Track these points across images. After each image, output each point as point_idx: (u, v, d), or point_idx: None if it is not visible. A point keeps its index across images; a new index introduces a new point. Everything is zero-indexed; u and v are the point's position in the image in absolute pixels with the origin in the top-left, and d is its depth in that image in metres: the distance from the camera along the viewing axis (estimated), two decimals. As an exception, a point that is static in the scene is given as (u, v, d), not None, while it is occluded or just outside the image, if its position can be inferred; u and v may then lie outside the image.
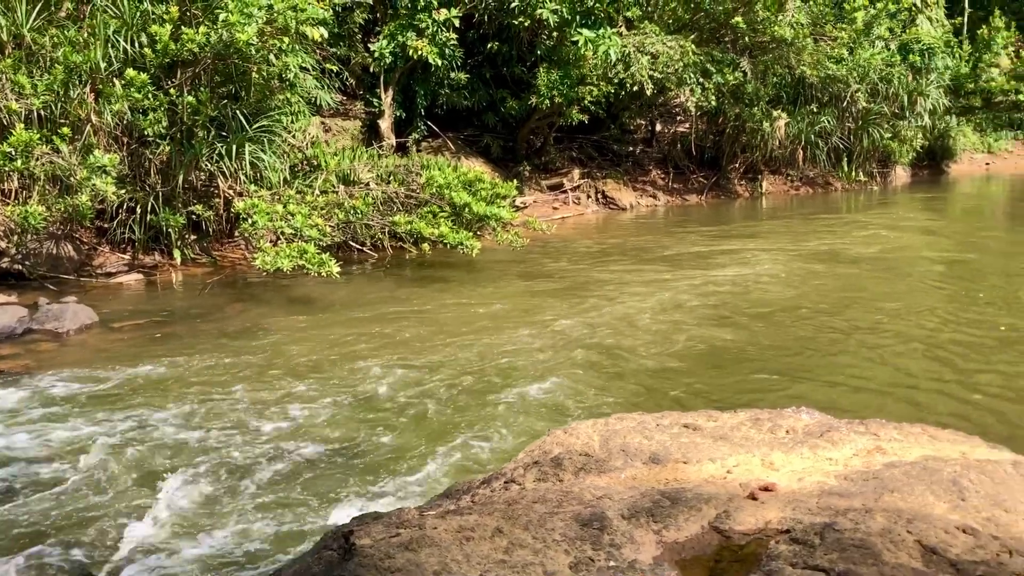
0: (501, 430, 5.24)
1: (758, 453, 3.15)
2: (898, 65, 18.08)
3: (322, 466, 4.72)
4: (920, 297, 9.09)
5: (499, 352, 6.92)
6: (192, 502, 4.25)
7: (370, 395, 5.87)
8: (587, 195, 16.49)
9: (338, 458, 4.84)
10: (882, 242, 12.38)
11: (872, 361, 6.92)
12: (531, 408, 5.65)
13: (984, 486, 2.80)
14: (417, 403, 5.71)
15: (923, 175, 20.52)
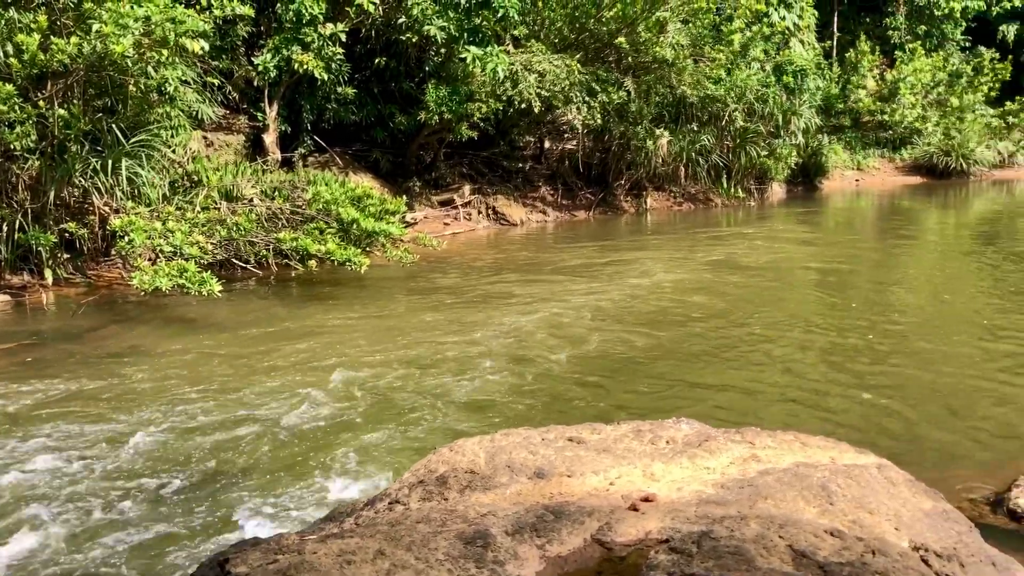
0: (390, 448, 5.18)
1: (640, 464, 3.21)
2: (773, 86, 18.87)
3: (197, 492, 4.57)
4: (798, 307, 9.47)
5: (388, 370, 6.85)
6: (50, 539, 4.04)
7: (251, 418, 5.71)
8: (478, 211, 16.56)
9: (214, 483, 4.69)
10: (762, 255, 12.86)
11: (753, 369, 7.17)
12: (419, 426, 5.61)
13: (851, 490, 2.93)
14: (301, 425, 5.59)
15: (798, 191, 21.44)
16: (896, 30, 25.48)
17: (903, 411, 6.17)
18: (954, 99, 23.79)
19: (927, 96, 23.90)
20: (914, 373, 7.07)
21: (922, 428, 5.89)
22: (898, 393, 6.56)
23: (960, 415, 6.10)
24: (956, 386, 6.73)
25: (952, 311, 9.35)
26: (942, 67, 24.25)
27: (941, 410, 6.20)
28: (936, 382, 6.83)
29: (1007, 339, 8.01)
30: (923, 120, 23.56)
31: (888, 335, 8.21)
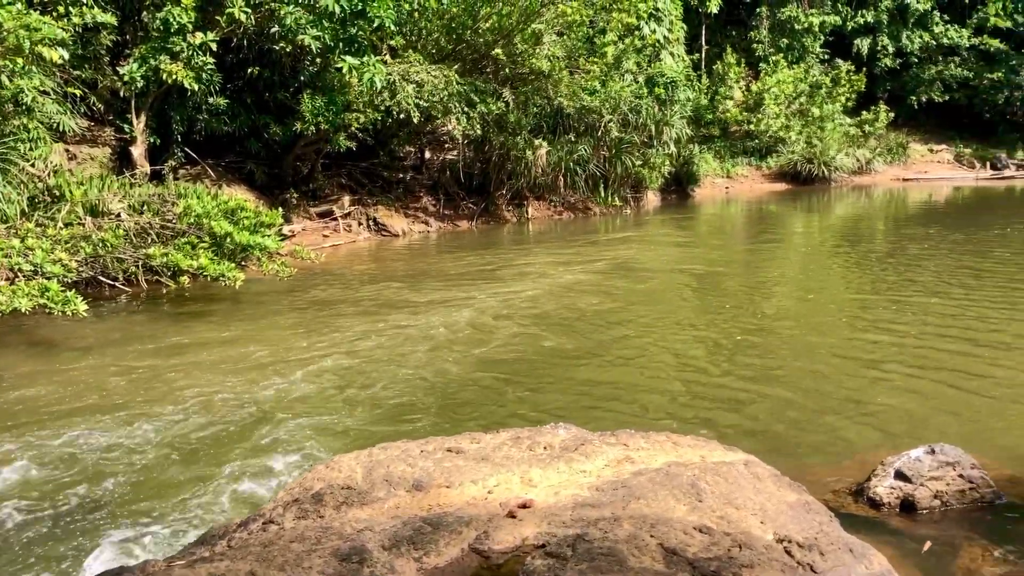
0: (267, 467, 5.06)
1: (518, 471, 3.24)
2: (645, 97, 19.42)
3: (62, 521, 4.35)
4: (675, 310, 9.76)
5: (264, 387, 6.69)
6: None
7: (118, 444, 5.48)
8: (358, 222, 16.38)
9: (81, 511, 4.47)
10: (640, 260, 13.20)
11: (634, 370, 7.34)
12: (297, 442, 5.50)
13: (719, 487, 3.04)
14: (171, 448, 5.40)
15: (672, 199, 22.11)
16: (760, 43, 26.65)
17: (775, 407, 6.44)
18: (815, 109, 25.04)
19: (790, 106, 25.06)
20: (784, 370, 7.39)
21: (792, 423, 6.16)
22: (770, 389, 6.85)
23: (828, 409, 6.40)
24: (823, 381, 7.06)
25: (817, 309, 9.83)
26: (803, 78, 25.50)
27: (809, 404, 6.50)
28: (805, 378, 7.15)
29: (868, 335, 8.46)
30: (787, 129, 24.69)
31: (759, 334, 8.56)
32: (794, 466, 5.37)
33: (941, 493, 4.49)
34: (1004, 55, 28.54)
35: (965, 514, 4.50)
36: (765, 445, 5.74)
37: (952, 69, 28.29)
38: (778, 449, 5.72)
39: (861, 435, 5.94)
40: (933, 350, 7.82)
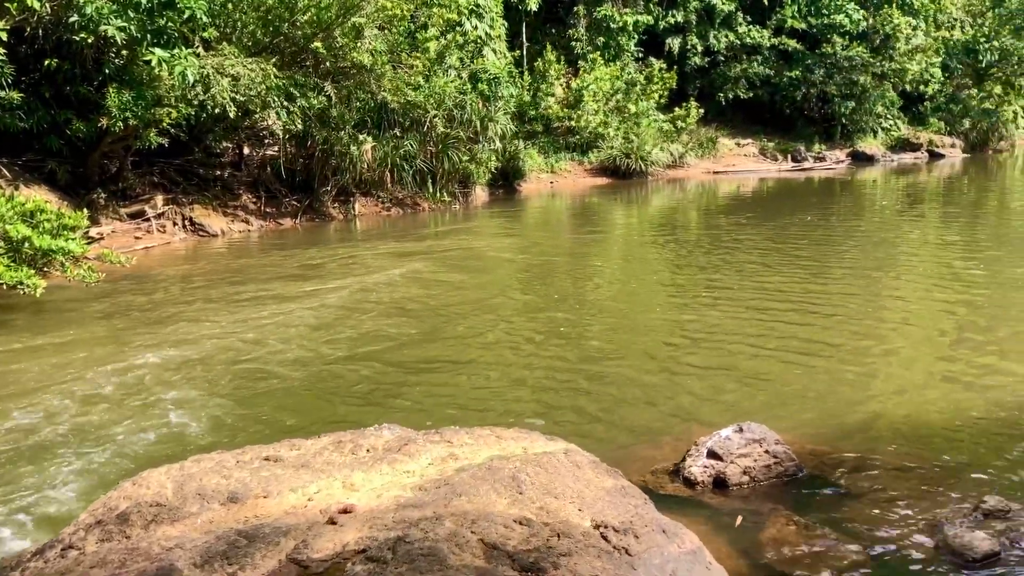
0: (73, 486, 4.73)
1: (339, 476, 3.18)
2: (470, 93, 19.53)
3: None
4: (506, 302, 9.88)
5: (69, 400, 6.26)
6: None
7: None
8: (173, 222, 15.60)
9: None
10: (470, 255, 13.29)
11: (465, 365, 7.38)
12: (108, 457, 5.18)
13: (539, 477, 3.10)
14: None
15: (499, 194, 22.37)
16: (579, 41, 27.39)
17: (601, 394, 6.64)
18: (631, 106, 26.01)
19: (608, 103, 25.91)
20: (609, 357, 7.63)
21: (616, 408, 6.37)
22: (596, 377, 7.06)
23: (650, 393, 6.67)
24: (646, 366, 7.35)
25: (639, 296, 10.22)
26: (619, 76, 26.42)
27: (633, 390, 6.74)
28: (629, 364, 7.42)
29: (688, 319, 8.88)
30: (605, 125, 25.51)
31: (586, 323, 8.81)
32: (617, 451, 5.56)
33: (750, 469, 4.77)
34: (800, 55, 30.65)
35: (771, 487, 4.80)
36: (590, 432, 5.91)
37: (755, 67, 30.10)
38: (603, 435, 5.91)
39: (681, 416, 6.22)
40: (746, 333, 8.29)
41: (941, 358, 7.46)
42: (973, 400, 6.32)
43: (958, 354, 7.53)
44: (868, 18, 31.30)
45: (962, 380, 6.80)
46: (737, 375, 7.09)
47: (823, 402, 6.43)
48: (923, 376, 6.98)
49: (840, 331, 8.31)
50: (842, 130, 31.59)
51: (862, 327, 8.45)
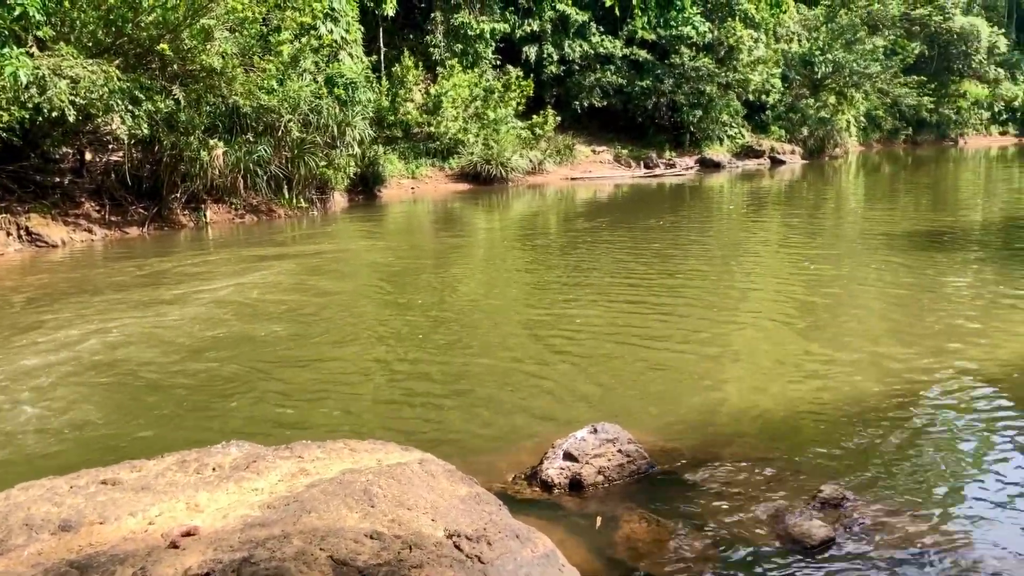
0: None
1: (183, 497, 3.05)
2: (326, 97, 19.21)
3: None
4: (368, 308, 9.76)
5: None
6: None
7: None
8: (7, 233, 14.64)
9: None
10: (329, 260, 13.05)
11: (322, 375, 7.23)
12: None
13: (392, 489, 3.07)
14: None
15: (359, 200, 22.10)
16: (436, 47, 27.41)
17: (461, 400, 6.65)
18: (490, 112, 26.23)
19: (467, 109, 26.04)
20: (470, 363, 7.65)
21: (477, 414, 6.39)
22: (457, 383, 7.06)
23: (510, 397, 6.72)
24: (507, 370, 7.41)
25: (501, 301, 10.30)
26: (478, 83, 26.61)
27: (494, 394, 6.78)
28: (490, 369, 7.46)
29: (547, 324, 9.01)
30: (465, 132, 25.63)
31: (447, 329, 8.81)
32: (478, 457, 5.59)
33: (604, 469, 4.88)
34: (651, 65, 31.72)
35: (625, 486, 4.93)
36: (450, 440, 5.91)
37: (609, 76, 30.93)
38: (464, 442, 5.92)
39: (541, 419, 6.31)
40: (603, 334, 8.49)
41: (785, 353, 7.87)
42: (813, 392, 6.69)
43: (800, 348, 7.96)
44: (713, 30, 32.71)
45: (804, 373, 7.19)
46: (595, 375, 7.26)
47: (676, 399, 6.66)
48: (769, 371, 7.34)
49: (692, 329, 8.63)
50: (691, 137, 32.87)
51: (712, 325, 8.81)
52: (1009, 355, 7.52)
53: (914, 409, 6.25)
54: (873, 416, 6.11)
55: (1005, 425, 5.93)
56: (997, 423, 5.97)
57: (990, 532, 4.43)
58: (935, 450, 5.55)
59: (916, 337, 8.20)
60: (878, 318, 9.14)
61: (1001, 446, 5.60)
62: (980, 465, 5.34)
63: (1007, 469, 5.23)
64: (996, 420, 6.03)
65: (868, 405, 6.34)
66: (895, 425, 5.93)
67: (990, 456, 5.46)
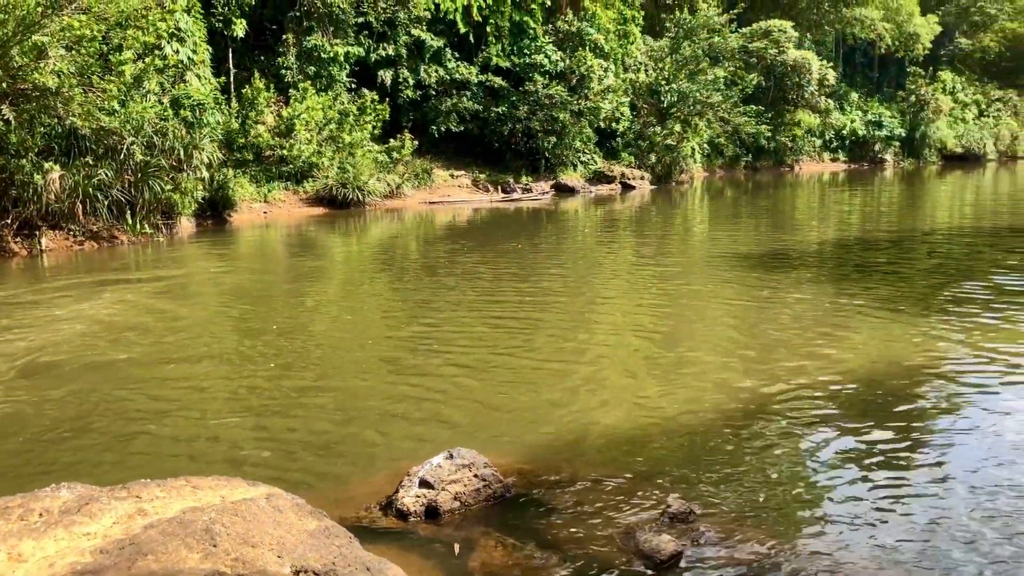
0: None
1: (4, 547, 2.83)
2: (172, 119, 18.51)
3: None
4: (217, 338, 9.38)
5: None
6: None
7: None
8: None
9: None
10: (175, 289, 12.51)
11: (170, 411, 6.90)
12: None
13: (236, 527, 2.95)
14: None
15: (208, 225, 21.35)
16: (289, 70, 26.89)
17: (315, 431, 6.49)
18: (345, 135, 25.93)
19: (321, 132, 25.66)
20: (327, 392, 7.49)
21: (332, 445, 6.26)
22: (312, 413, 6.89)
23: (368, 426, 6.62)
24: (364, 398, 7.29)
25: (357, 327, 10.15)
26: (332, 106, 26.27)
27: (350, 424, 6.66)
28: (347, 397, 7.32)
29: (404, 349, 8.94)
30: (319, 155, 25.23)
31: (303, 357, 8.60)
32: (331, 489, 5.46)
33: (460, 495, 4.87)
34: (506, 91, 32.21)
35: (482, 511, 4.93)
36: (304, 470, 5.76)
37: (465, 102, 31.19)
38: (319, 472, 5.79)
39: (398, 447, 6.24)
40: (461, 357, 8.50)
41: (637, 371, 8.10)
42: (664, 409, 6.91)
43: (652, 367, 8.22)
44: (565, 59, 33.57)
45: (655, 391, 7.42)
46: (454, 399, 7.25)
47: (533, 421, 6.72)
48: (623, 389, 7.53)
49: (548, 351, 8.76)
50: (546, 163, 33.53)
51: (569, 346, 8.98)
52: (845, 368, 8.00)
53: (758, 422, 6.54)
54: (720, 430, 6.37)
55: (844, 435, 6.29)
56: (837, 434, 6.33)
57: (834, 540, 4.68)
58: (779, 461, 5.82)
59: (759, 353, 8.61)
60: (724, 336, 9.54)
61: (841, 456, 5.94)
62: (822, 475, 5.64)
63: (848, 478, 5.55)
64: (836, 431, 6.39)
65: (715, 419, 6.60)
66: (741, 438, 6.20)
67: (831, 466, 5.78)
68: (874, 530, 4.76)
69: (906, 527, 4.79)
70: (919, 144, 60.27)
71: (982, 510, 4.97)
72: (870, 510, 5.03)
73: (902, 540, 4.63)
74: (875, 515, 4.96)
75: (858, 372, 7.86)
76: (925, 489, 5.33)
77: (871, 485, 5.40)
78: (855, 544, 4.60)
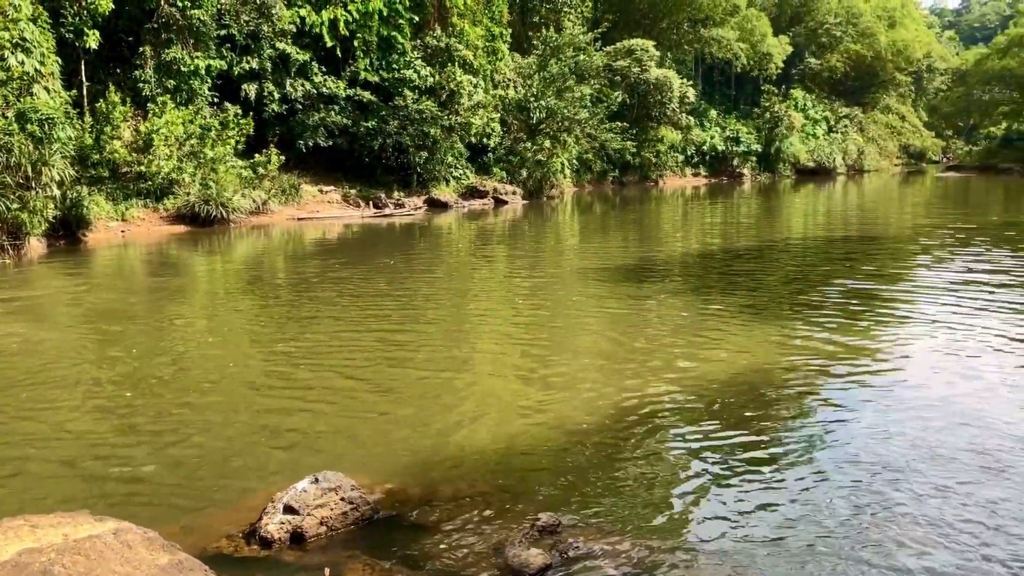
0: None
1: None
2: (17, 134, 17.47)
3: None
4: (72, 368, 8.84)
5: None
6: None
7: None
8: None
9: None
10: (27, 311, 11.75)
11: (13, 441, 6.45)
12: None
13: (78, 567, 2.77)
14: None
15: (60, 245, 20.22)
16: (147, 83, 25.83)
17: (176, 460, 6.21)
18: (208, 151, 25.10)
19: (182, 148, 24.76)
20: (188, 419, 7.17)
21: (195, 474, 5.99)
22: (171, 441, 6.58)
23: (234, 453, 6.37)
24: (228, 425, 7.01)
25: (222, 351, 9.76)
26: (193, 120, 25.39)
27: (215, 452, 6.39)
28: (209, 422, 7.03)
29: (271, 372, 8.66)
30: (180, 171, 24.32)
31: (162, 382, 8.21)
32: (191, 520, 5.22)
33: (327, 519, 4.74)
34: (375, 106, 31.96)
35: (349, 534, 4.82)
36: (159, 503, 5.49)
37: (333, 116, 30.73)
38: (178, 505, 5.53)
39: (263, 473, 6.03)
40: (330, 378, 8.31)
41: (507, 388, 8.12)
42: (533, 424, 6.94)
43: (520, 382, 8.25)
44: (435, 75, 33.61)
45: (524, 406, 7.45)
46: (322, 421, 7.07)
47: (402, 441, 6.63)
48: (492, 406, 7.52)
49: (422, 367, 8.68)
50: (418, 178, 33.43)
51: (443, 361, 8.92)
52: (711, 373, 8.26)
53: (629, 430, 6.66)
54: (592, 440, 6.45)
55: (709, 438, 6.48)
56: (703, 437, 6.52)
57: (697, 539, 4.79)
58: (648, 467, 5.94)
59: (630, 362, 8.79)
60: (596, 346, 9.70)
61: (705, 458, 6.10)
62: (688, 478, 5.78)
63: (711, 478, 5.70)
64: (702, 434, 6.57)
65: (588, 429, 6.69)
66: (612, 447, 6.29)
67: (697, 468, 5.93)
68: (735, 528, 4.91)
69: (766, 523, 4.96)
70: (774, 158, 63.42)
71: (840, 502, 5.20)
72: (731, 510, 5.18)
73: (763, 536, 4.79)
74: (736, 514, 5.11)
75: (723, 376, 8.13)
76: (785, 485, 5.54)
77: (734, 485, 5.58)
78: (717, 542, 4.73)
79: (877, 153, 78.26)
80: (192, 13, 26.00)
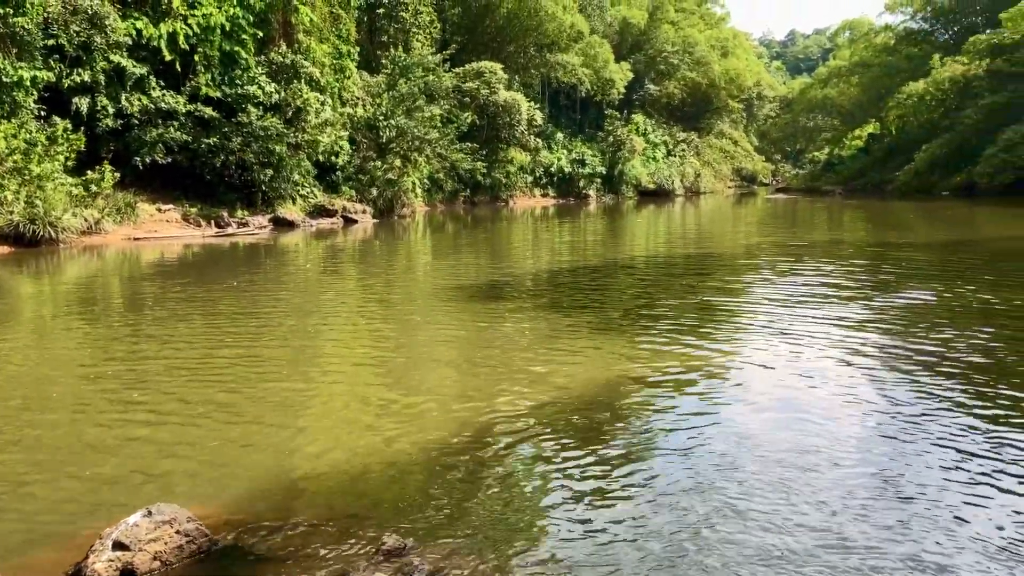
0: None
1: None
2: None
3: None
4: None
5: None
6: None
7: None
8: None
9: None
10: None
11: None
12: None
13: None
14: None
15: None
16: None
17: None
18: (33, 167, 23.57)
19: (4, 164, 23.14)
20: (6, 450, 6.65)
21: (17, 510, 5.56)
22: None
23: (59, 487, 5.96)
24: (54, 458, 6.54)
25: (50, 379, 9.14)
26: (16, 134, 23.78)
27: (38, 487, 5.96)
28: (32, 456, 6.54)
29: (102, 401, 8.15)
30: (2, 188, 22.74)
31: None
32: (9, 559, 4.84)
33: (160, 553, 4.49)
34: (217, 122, 30.91)
35: (185, 568, 4.58)
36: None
37: (173, 132, 29.48)
38: None
39: (93, 508, 5.66)
40: (168, 405, 7.90)
41: (357, 410, 7.96)
42: (383, 445, 6.83)
43: (371, 403, 8.11)
44: (280, 91, 32.89)
45: (373, 428, 7.32)
46: (158, 449, 6.72)
47: (245, 467, 6.38)
48: (340, 429, 7.35)
49: (265, 394, 8.39)
50: (263, 196, 32.56)
51: (288, 385, 8.66)
52: (563, 389, 8.37)
53: (480, 449, 6.65)
54: (442, 460, 6.40)
55: (561, 453, 6.54)
56: (554, 453, 6.57)
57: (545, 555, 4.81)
58: (498, 485, 5.93)
59: (483, 380, 8.81)
60: (444, 368, 9.67)
61: (556, 474, 6.15)
62: (537, 494, 5.81)
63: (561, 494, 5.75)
64: (553, 450, 6.63)
65: (438, 450, 6.63)
66: (462, 466, 6.26)
67: (546, 485, 5.97)
68: (584, 542, 4.97)
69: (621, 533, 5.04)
70: (618, 180, 65.69)
71: (686, 515, 5.36)
72: (580, 523, 5.25)
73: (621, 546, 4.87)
74: (583, 527, 5.18)
75: (575, 391, 8.26)
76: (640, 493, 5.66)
77: (588, 497, 5.65)
78: (571, 554, 4.78)
79: (712, 176, 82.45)
80: (15, 20, 24.43)
